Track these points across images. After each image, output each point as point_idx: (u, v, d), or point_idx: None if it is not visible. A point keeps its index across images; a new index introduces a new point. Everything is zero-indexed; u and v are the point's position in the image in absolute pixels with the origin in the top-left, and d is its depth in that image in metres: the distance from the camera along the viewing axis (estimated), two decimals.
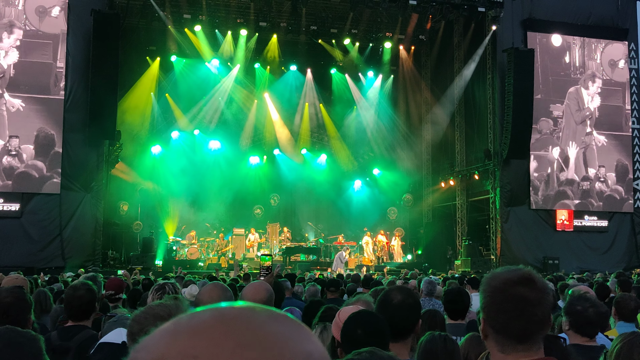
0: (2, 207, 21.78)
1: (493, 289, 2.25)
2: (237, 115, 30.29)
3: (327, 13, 28.06)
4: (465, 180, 29.36)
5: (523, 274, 2.23)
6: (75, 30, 22.74)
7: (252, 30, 27.91)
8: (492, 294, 2.25)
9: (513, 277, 2.22)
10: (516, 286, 2.19)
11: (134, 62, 27.90)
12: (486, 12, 25.98)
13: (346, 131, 31.73)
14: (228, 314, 0.84)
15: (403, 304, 3.42)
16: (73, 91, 22.53)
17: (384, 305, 3.46)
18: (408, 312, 3.39)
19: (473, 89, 28.07)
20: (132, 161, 28.11)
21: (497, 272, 2.30)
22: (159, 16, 26.19)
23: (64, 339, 4.59)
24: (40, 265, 20.32)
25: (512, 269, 2.27)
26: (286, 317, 0.86)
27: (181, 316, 0.86)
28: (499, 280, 2.25)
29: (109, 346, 3.55)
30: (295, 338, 0.83)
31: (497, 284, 2.24)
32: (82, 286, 4.89)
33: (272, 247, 28.05)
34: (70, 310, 4.87)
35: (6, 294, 3.70)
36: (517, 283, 2.20)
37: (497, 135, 26.06)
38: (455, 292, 6.32)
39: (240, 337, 0.80)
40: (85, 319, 4.77)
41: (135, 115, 27.95)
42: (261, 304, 2.96)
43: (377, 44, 29.86)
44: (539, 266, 24.42)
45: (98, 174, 22.91)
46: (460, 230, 29.08)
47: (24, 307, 3.69)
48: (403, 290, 3.60)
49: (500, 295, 2.22)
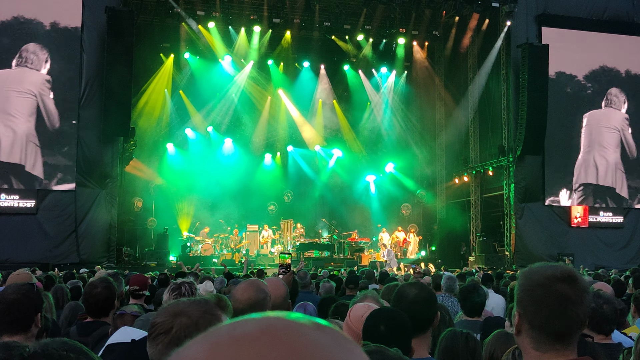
0: (18, 204, 21.89)
1: (534, 284, 2.19)
2: (250, 111, 30.31)
3: (341, 9, 28.01)
4: (479, 176, 29.29)
5: (566, 271, 2.17)
6: (89, 27, 22.80)
7: (266, 26, 27.91)
8: (533, 289, 2.18)
9: (556, 273, 2.16)
10: (559, 283, 2.14)
11: (148, 59, 28.01)
12: (500, 7, 25.88)
13: (360, 127, 31.69)
14: (274, 325, 0.81)
15: (417, 297, 3.41)
16: (88, 88, 22.60)
17: (399, 300, 3.45)
18: (423, 305, 3.38)
19: (487, 84, 27.94)
20: (146, 158, 28.20)
21: (537, 267, 2.24)
22: (172, 13, 26.25)
23: (83, 334, 4.61)
24: (56, 262, 20.45)
25: (552, 265, 2.21)
26: (332, 329, 0.84)
27: (222, 325, 0.84)
28: (540, 275, 2.19)
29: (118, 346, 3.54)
30: (341, 350, 0.81)
31: (538, 279, 2.18)
32: (101, 283, 4.90)
33: (286, 244, 28.06)
34: (89, 306, 4.90)
35: (12, 291, 3.67)
36: (559, 280, 2.14)
37: (512, 131, 25.95)
38: (472, 289, 6.28)
39: (286, 349, 0.77)
40: (104, 315, 4.81)
41: (149, 112, 28.07)
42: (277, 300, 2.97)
43: (391, 40, 29.76)
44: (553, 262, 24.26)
45: (113, 171, 22.97)
46: (474, 226, 29.00)
47: (29, 304, 3.64)
48: (416, 284, 3.61)
49: (541, 291, 2.16)
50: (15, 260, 19.79)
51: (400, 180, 31.61)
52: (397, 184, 31.64)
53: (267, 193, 30.17)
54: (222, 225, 28.11)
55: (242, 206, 28.75)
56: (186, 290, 4.81)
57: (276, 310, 3.63)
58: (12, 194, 21.90)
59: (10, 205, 21.80)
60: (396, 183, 31.67)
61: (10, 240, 21.29)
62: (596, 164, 27.04)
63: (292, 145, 31.20)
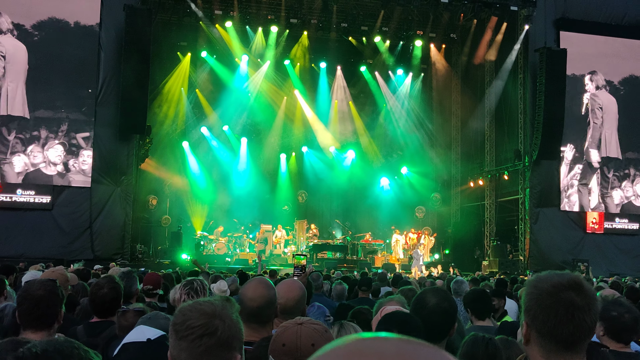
0: (34, 200, 22.03)
1: (541, 292, 2.19)
2: (266, 112, 30.33)
3: (358, 10, 28.02)
4: (494, 180, 29.17)
5: (573, 279, 2.18)
6: (107, 24, 22.90)
7: (283, 26, 27.96)
8: (540, 297, 2.19)
9: (563, 281, 2.17)
10: (566, 290, 2.15)
11: (165, 58, 28.15)
12: (519, 11, 25.78)
13: (375, 129, 31.65)
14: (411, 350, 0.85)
15: (438, 307, 3.37)
16: (105, 85, 22.70)
17: (419, 308, 3.41)
18: (443, 315, 3.35)
19: (504, 88, 27.80)
20: (162, 156, 28.31)
21: (544, 275, 2.25)
22: (190, 12, 26.36)
23: (90, 334, 4.60)
24: (70, 258, 20.51)
25: (559, 273, 2.22)
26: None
27: (356, 339, 0.85)
28: (548, 283, 2.19)
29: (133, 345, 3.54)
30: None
31: (546, 287, 2.19)
32: (107, 284, 4.87)
33: (299, 244, 28.06)
34: (95, 307, 4.89)
35: (38, 287, 3.72)
36: (567, 287, 2.15)
37: (528, 136, 25.80)
38: (478, 292, 6.22)
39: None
40: (110, 315, 4.77)
41: (166, 110, 28.19)
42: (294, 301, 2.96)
43: (408, 42, 29.71)
44: (568, 269, 24.16)
45: (128, 168, 23.05)
46: (488, 230, 28.88)
47: (55, 301, 3.70)
48: (438, 293, 3.54)
49: (549, 299, 2.16)
50: (30, 255, 19.89)
51: (414, 183, 31.56)
52: (411, 186, 31.59)
53: (281, 193, 30.23)
54: (236, 224, 28.14)
55: (255, 206, 28.79)
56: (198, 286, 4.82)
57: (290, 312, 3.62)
58: (28, 190, 22.05)
59: (26, 200, 21.96)
60: (411, 186, 31.63)
61: (25, 236, 21.42)
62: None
63: (307, 146, 31.21)
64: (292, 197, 30.87)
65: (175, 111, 28.85)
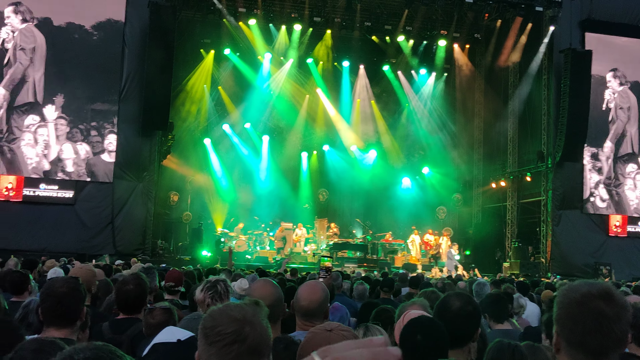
0: (57, 194, 22.23)
1: (570, 301, 2.18)
2: (288, 110, 30.35)
3: (382, 9, 27.95)
4: (516, 182, 28.97)
5: (603, 288, 2.15)
6: (132, 21, 23.04)
7: (306, 25, 27.97)
8: (569, 306, 2.18)
9: (592, 291, 2.15)
10: (595, 300, 2.13)
11: (189, 55, 28.25)
12: (544, 12, 25.57)
13: (397, 128, 31.56)
14: None
15: (461, 311, 3.34)
16: (128, 81, 22.83)
17: (443, 311, 3.38)
18: (466, 319, 3.31)
19: (528, 89, 27.60)
20: (184, 152, 28.43)
21: (575, 284, 2.23)
22: (214, 9, 26.45)
23: (116, 331, 4.60)
24: (92, 252, 20.67)
25: (590, 282, 2.20)
26: None
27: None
28: (577, 292, 2.18)
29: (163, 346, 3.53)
30: None
31: (575, 297, 2.17)
32: (132, 280, 4.86)
33: (319, 243, 28.04)
34: (120, 303, 4.89)
35: (61, 284, 3.73)
36: (596, 297, 2.13)
37: (551, 137, 25.60)
38: (495, 295, 6.16)
39: None
40: (136, 312, 4.77)
41: (188, 107, 28.32)
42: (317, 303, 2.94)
43: (431, 42, 29.60)
44: (590, 272, 23.97)
45: (150, 164, 23.19)
46: (510, 232, 28.70)
47: (77, 298, 3.71)
48: (462, 296, 3.50)
49: (577, 309, 2.15)
50: (52, 249, 20.04)
51: (436, 183, 31.42)
52: (433, 186, 31.45)
53: (302, 192, 30.22)
54: (256, 222, 28.16)
55: (276, 204, 28.82)
56: (222, 289, 4.79)
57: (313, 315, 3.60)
58: (52, 184, 22.23)
59: (49, 195, 22.15)
60: (432, 186, 31.49)
61: (48, 230, 21.63)
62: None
63: (328, 144, 31.16)
64: (313, 195, 30.84)
65: (197, 108, 28.99)
